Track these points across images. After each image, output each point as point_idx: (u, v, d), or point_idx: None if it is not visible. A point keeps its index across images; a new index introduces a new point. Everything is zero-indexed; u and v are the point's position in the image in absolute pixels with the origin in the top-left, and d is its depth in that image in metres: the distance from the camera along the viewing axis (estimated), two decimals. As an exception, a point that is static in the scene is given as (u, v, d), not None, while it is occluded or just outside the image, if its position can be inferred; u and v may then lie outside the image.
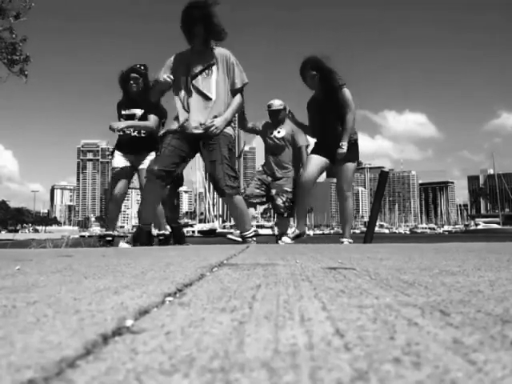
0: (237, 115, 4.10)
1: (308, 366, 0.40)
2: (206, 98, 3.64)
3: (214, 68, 3.65)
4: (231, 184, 3.60)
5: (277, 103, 4.75)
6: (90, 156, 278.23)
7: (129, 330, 0.55)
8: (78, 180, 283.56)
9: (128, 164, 4.38)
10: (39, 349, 0.46)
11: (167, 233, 4.63)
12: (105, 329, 0.54)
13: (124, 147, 4.40)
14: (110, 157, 4.54)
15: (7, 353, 0.45)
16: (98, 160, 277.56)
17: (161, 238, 4.49)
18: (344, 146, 3.98)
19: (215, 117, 3.62)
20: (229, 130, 3.69)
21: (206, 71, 3.65)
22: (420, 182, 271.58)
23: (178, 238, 4.74)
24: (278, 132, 4.72)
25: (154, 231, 4.51)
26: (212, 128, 3.59)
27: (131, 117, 4.37)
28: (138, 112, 4.37)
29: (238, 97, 3.71)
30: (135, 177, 4.52)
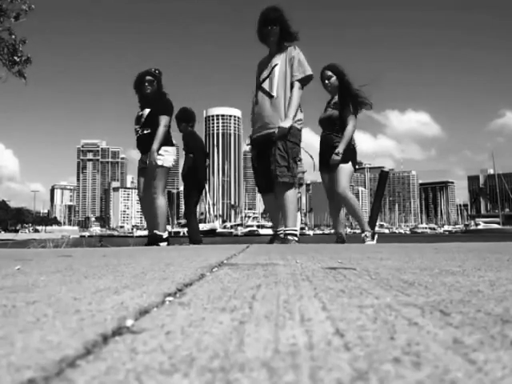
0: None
1: (308, 366, 0.40)
2: (270, 95, 3.93)
3: (277, 68, 3.95)
4: (278, 173, 3.77)
5: None
6: (90, 156, 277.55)
7: (129, 329, 0.55)
8: (78, 180, 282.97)
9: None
10: (39, 349, 0.46)
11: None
12: (105, 328, 0.54)
13: (139, 147, 4.52)
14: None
15: (7, 353, 0.45)
16: (98, 160, 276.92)
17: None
18: (340, 154, 4.13)
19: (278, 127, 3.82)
20: (286, 123, 3.79)
21: (271, 75, 3.96)
22: (420, 181, 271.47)
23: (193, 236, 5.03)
24: None
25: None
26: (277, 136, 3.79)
27: (140, 117, 4.54)
28: (145, 112, 4.51)
29: (294, 91, 3.87)
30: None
